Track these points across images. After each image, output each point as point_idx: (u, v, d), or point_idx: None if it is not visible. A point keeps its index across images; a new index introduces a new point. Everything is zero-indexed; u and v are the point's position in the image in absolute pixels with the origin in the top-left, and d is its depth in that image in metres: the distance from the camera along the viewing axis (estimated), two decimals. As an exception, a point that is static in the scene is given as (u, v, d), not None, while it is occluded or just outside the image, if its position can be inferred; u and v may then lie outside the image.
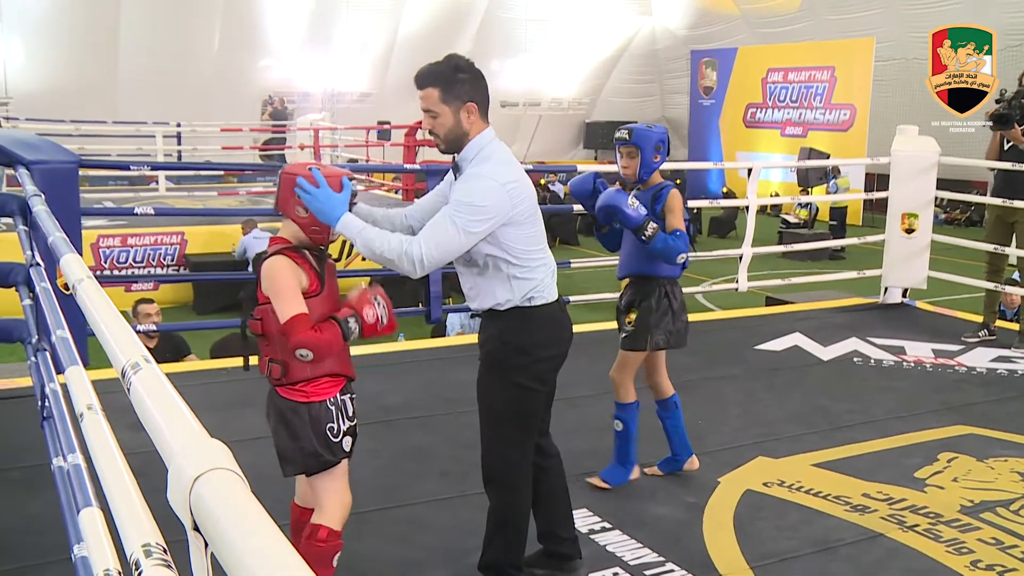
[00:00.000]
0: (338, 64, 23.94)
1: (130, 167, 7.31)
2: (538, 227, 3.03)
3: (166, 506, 1.30)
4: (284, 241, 2.79)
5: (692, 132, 26.68)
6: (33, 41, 20.49)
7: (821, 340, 6.68)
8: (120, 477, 1.35)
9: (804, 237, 16.07)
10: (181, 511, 0.91)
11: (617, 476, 4.10)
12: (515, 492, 3.10)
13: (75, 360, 2.18)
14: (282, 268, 2.70)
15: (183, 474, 0.90)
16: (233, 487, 0.86)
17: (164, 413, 1.08)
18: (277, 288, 2.68)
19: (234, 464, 0.91)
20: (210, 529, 0.84)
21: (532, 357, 3.01)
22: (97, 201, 13.01)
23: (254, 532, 0.78)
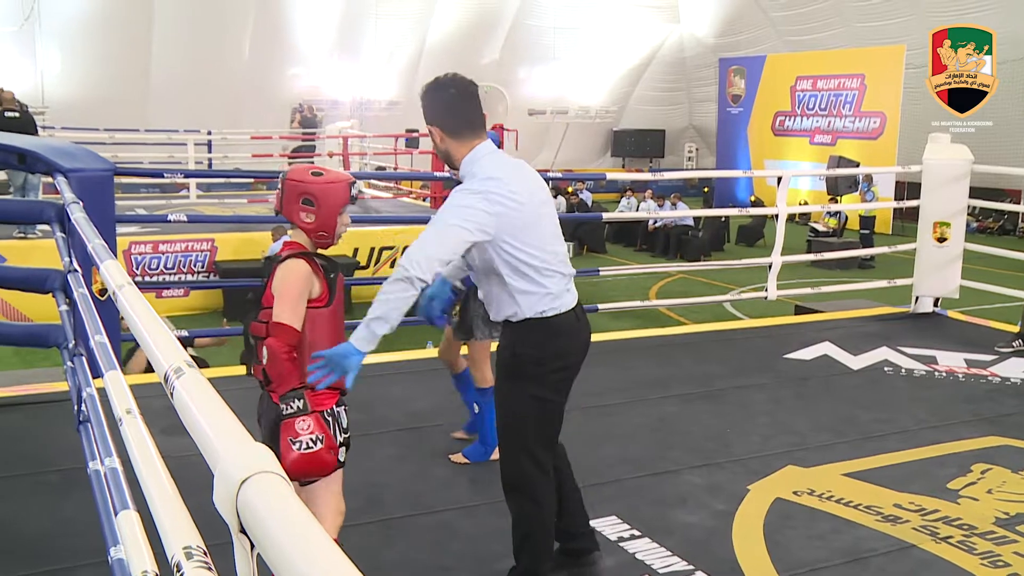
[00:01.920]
0: (367, 72, 24.10)
1: (164, 175, 7.40)
2: (544, 237, 2.98)
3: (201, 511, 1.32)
4: (300, 246, 2.80)
5: (720, 140, 26.57)
6: (69, 53, 20.84)
7: (851, 349, 6.63)
8: (160, 480, 1.37)
9: (833, 246, 15.97)
10: (227, 513, 0.92)
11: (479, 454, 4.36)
12: (534, 502, 3.09)
13: (113, 365, 2.21)
14: (299, 273, 2.72)
15: (230, 477, 0.91)
16: (279, 490, 0.87)
17: (209, 417, 1.09)
18: (285, 290, 2.70)
19: (279, 468, 0.92)
20: (257, 531, 0.85)
21: (546, 368, 3.00)
22: (129, 208, 13.14)
23: (302, 534, 0.79)
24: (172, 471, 1.44)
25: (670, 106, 29.83)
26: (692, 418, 5.17)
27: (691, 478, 4.30)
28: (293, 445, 2.60)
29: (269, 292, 2.74)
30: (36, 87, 20.27)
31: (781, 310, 9.38)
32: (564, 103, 26.67)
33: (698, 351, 6.67)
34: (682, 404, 5.40)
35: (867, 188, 17.23)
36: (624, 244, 18.56)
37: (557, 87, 26.86)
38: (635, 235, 18.47)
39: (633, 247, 18.34)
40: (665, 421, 5.10)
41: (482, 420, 4.32)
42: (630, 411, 5.24)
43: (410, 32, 24.71)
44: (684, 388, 5.68)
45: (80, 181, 4.96)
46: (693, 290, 12.85)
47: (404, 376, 5.80)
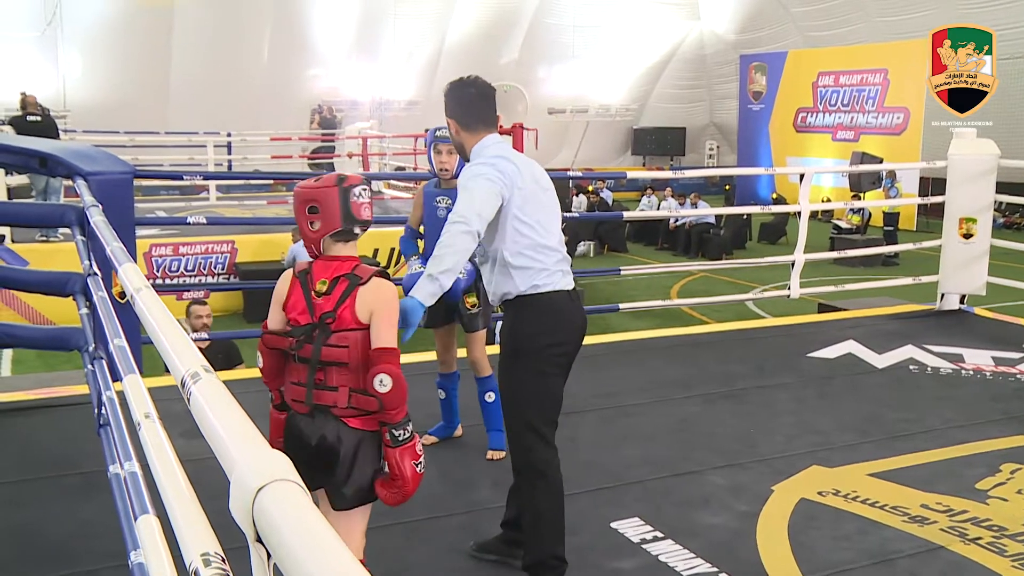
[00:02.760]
0: (385, 72, 24.16)
1: (183, 177, 7.42)
2: (545, 213, 3.24)
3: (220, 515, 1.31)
4: (356, 260, 2.72)
5: (741, 137, 26.43)
6: (90, 57, 21.03)
7: (875, 348, 6.57)
8: (178, 486, 1.36)
9: (857, 243, 15.85)
10: (243, 522, 0.91)
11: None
12: (543, 478, 3.19)
13: (132, 369, 2.21)
14: (395, 293, 2.69)
15: (246, 485, 0.90)
16: (296, 499, 0.86)
17: (225, 423, 1.08)
18: (389, 313, 2.63)
19: (296, 475, 0.91)
20: (273, 540, 0.84)
21: (539, 343, 3.17)
22: (149, 211, 13.25)
23: (319, 544, 0.78)
24: (191, 475, 1.44)
25: (691, 103, 29.73)
26: (715, 418, 5.14)
27: (714, 479, 4.27)
28: (417, 467, 2.63)
29: (348, 314, 2.60)
30: (58, 91, 20.47)
31: (804, 308, 9.32)
32: (584, 102, 26.61)
33: (720, 350, 6.64)
34: (705, 404, 5.38)
35: (891, 184, 17.10)
36: (645, 243, 18.50)
37: (577, 86, 26.83)
38: (656, 234, 18.41)
39: (654, 246, 18.28)
40: (688, 421, 5.08)
41: (450, 404, 4.69)
42: (652, 411, 5.21)
43: (429, 32, 24.74)
44: (707, 388, 5.65)
45: (100, 184, 4.99)
46: (715, 289, 12.79)
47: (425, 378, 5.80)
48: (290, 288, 2.71)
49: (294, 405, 2.69)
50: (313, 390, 2.63)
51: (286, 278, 2.75)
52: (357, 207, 2.66)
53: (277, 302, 2.74)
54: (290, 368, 2.70)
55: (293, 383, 2.68)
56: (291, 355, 2.67)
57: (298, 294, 2.68)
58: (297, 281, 2.70)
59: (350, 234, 2.68)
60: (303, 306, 2.65)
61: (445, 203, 4.30)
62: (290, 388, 2.70)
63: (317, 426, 2.63)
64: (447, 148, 4.27)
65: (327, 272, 2.66)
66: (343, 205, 2.64)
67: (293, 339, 2.64)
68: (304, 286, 2.67)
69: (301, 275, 2.70)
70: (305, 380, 2.64)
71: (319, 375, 2.62)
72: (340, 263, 2.68)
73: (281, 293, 2.73)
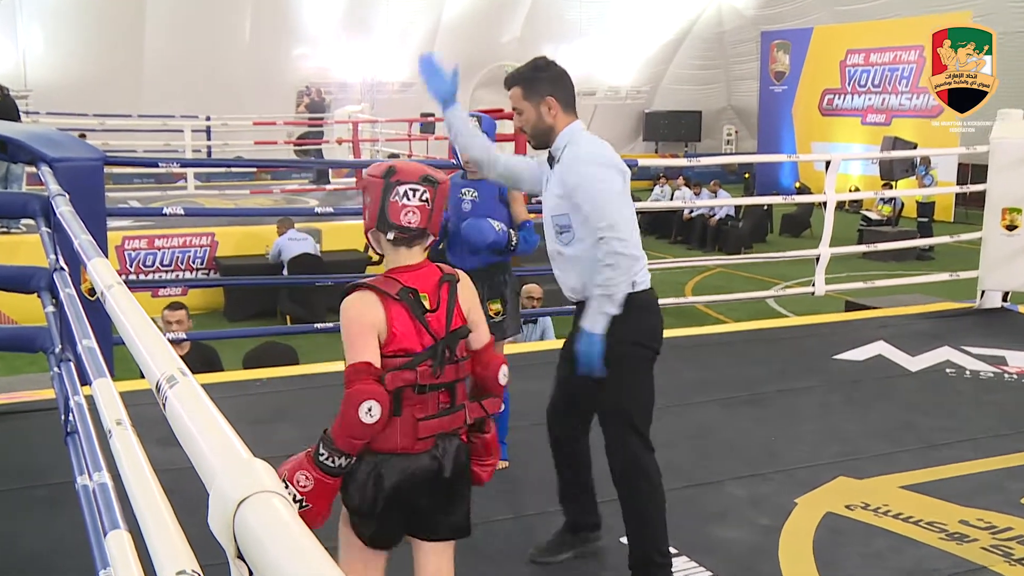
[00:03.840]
0: (378, 52, 24.14)
1: (159, 164, 7.43)
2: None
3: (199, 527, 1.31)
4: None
5: (762, 122, 26.43)
6: (53, 30, 20.92)
7: (908, 349, 6.57)
8: (152, 498, 1.36)
9: (888, 235, 15.84)
10: (223, 537, 0.91)
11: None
12: (648, 480, 3.36)
13: (103, 372, 2.21)
14: None
15: (226, 498, 0.89)
16: (280, 511, 0.86)
17: (203, 431, 1.08)
18: (477, 300, 2.67)
19: (280, 486, 0.91)
20: (256, 557, 0.84)
21: (645, 343, 3.32)
22: (121, 200, 13.26)
23: (305, 561, 0.78)
24: (168, 485, 1.43)
25: (707, 85, 29.71)
26: (734, 425, 5.14)
27: (733, 490, 4.27)
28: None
29: (461, 317, 2.55)
30: (17, 69, 20.38)
31: (830, 306, 9.32)
32: (591, 83, 26.61)
33: (739, 352, 6.64)
34: (723, 410, 5.38)
35: (925, 172, 17.09)
36: (657, 236, 18.50)
37: (584, 66, 26.75)
38: (670, 226, 18.41)
39: (667, 239, 18.28)
40: (704, 428, 5.08)
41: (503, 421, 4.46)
42: (666, 417, 5.17)
43: (424, 8, 24.73)
44: (724, 392, 5.66)
45: (67, 171, 4.98)
46: (733, 285, 12.78)
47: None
48: (388, 312, 2.44)
49: (416, 446, 2.47)
50: (447, 416, 2.51)
51: (372, 302, 2.44)
52: (396, 209, 2.45)
53: (371, 333, 2.42)
54: (408, 404, 2.45)
55: (420, 419, 2.46)
56: (409, 388, 2.44)
57: (402, 317, 2.44)
58: (396, 303, 2.44)
59: (405, 241, 2.50)
60: (415, 328, 2.45)
61: (471, 195, 4.36)
62: (414, 427, 2.46)
63: (447, 454, 2.52)
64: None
65: (425, 284, 2.50)
66: (382, 201, 2.46)
67: (427, 364, 2.44)
68: (412, 306, 2.46)
69: (403, 294, 2.45)
70: (438, 409, 2.49)
71: (444, 398, 2.51)
72: (427, 270, 2.54)
73: (376, 322, 2.43)
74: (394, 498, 2.47)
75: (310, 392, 5.65)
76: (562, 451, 3.61)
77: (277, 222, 11.94)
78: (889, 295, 8.75)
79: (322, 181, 17.83)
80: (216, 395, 1.28)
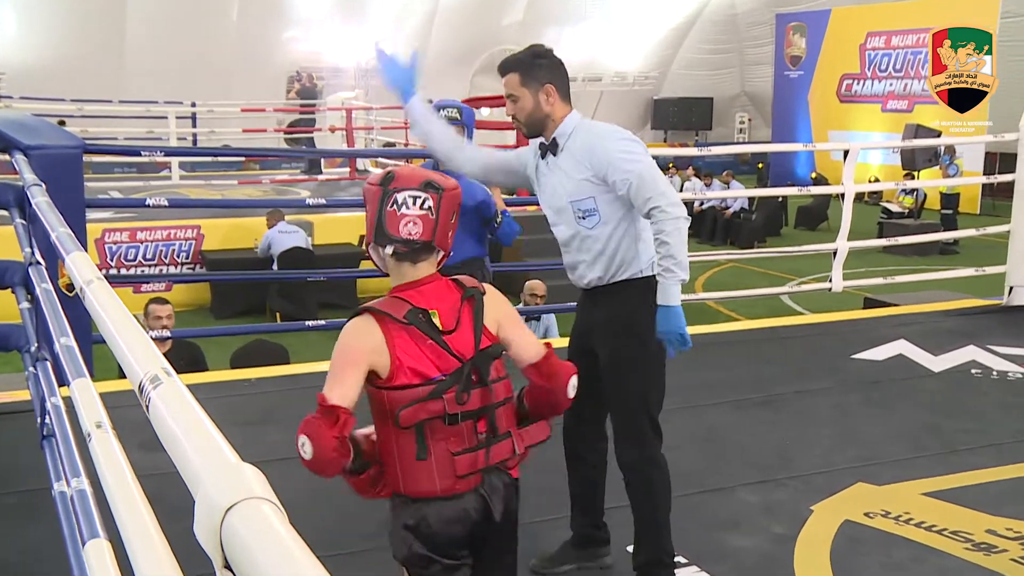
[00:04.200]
0: (373, 35, 24.08)
1: (141, 152, 7.42)
2: None
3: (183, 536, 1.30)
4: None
5: (777, 109, 26.41)
6: (26, 9, 20.83)
7: (931, 348, 6.56)
8: (134, 506, 1.35)
9: (909, 229, 15.84)
10: (210, 546, 0.90)
11: None
12: (659, 469, 3.45)
13: (81, 372, 2.20)
14: None
15: (213, 505, 0.89)
16: (271, 519, 0.85)
17: (189, 434, 1.07)
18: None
19: (271, 493, 0.90)
20: (244, 566, 0.83)
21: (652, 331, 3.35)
22: (102, 191, 13.23)
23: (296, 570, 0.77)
24: (151, 492, 1.43)
25: (719, 71, 29.67)
26: (747, 428, 5.14)
27: (746, 496, 4.27)
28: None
29: (489, 333, 2.44)
30: (-12, 51, 20.35)
31: (848, 304, 9.31)
32: (597, 69, 26.59)
33: (752, 351, 6.64)
34: (735, 412, 5.38)
35: (949, 161, 17.06)
36: (667, 229, 18.49)
37: (589, 51, 26.76)
38: (679, 218, 18.38)
39: (677, 232, 18.25)
40: (716, 431, 5.08)
41: None
42: (675, 419, 5.16)
43: (421, -12, 24.71)
44: (737, 393, 5.66)
45: (43, 160, 4.98)
46: (746, 281, 12.78)
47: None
48: (391, 339, 2.31)
49: (458, 485, 2.34)
50: (490, 448, 2.37)
51: (369, 328, 2.31)
52: (394, 219, 2.33)
53: (364, 364, 2.29)
54: (439, 439, 2.32)
55: (456, 453, 2.33)
56: (438, 421, 2.31)
57: (408, 343, 2.31)
58: (402, 328, 2.31)
59: (408, 256, 2.37)
60: (430, 353, 2.32)
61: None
62: (451, 464, 2.33)
63: (495, 492, 2.41)
64: (455, 131, 4.11)
65: (443, 303, 2.38)
66: (379, 212, 2.35)
67: (453, 391, 2.30)
68: (428, 331, 2.33)
69: (411, 316, 2.32)
70: (476, 441, 2.35)
71: (482, 427, 2.37)
72: (435, 284, 2.42)
73: (372, 350, 2.29)
74: (448, 546, 2.37)
75: (301, 393, 5.63)
76: (578, 462, 3.64)
77: (266, 214, 11.94)
78: (911, 291, 8.74)
79: (314, 171, 17.81)
80: (202, 396, 1.28)
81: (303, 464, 2.26)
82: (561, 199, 3.38)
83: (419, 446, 2.31)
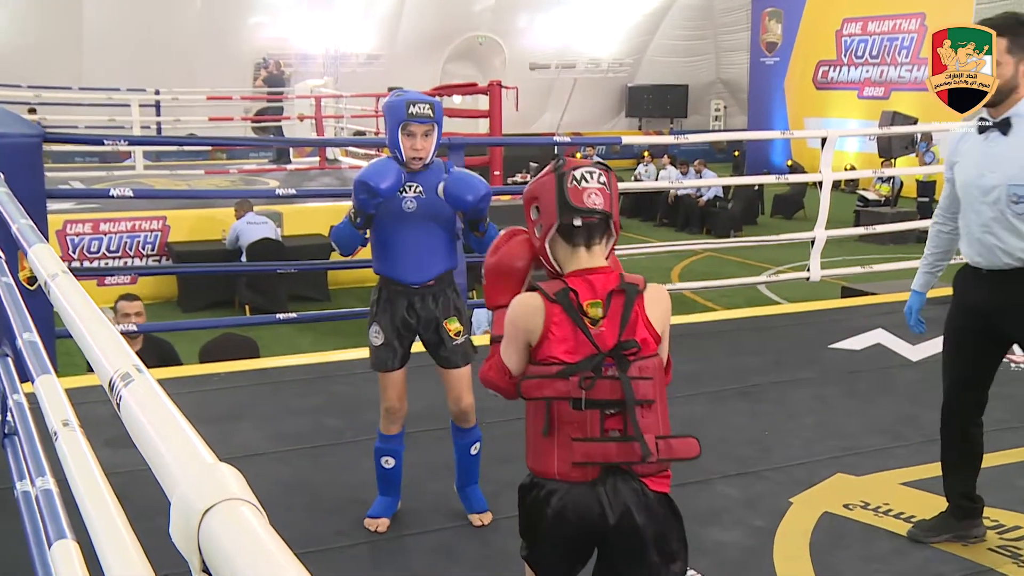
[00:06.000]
0: (342, 21, 23.98)
1: (104, 142, 7.36)
2: None
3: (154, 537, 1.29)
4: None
5: (752, 96, 26.51)
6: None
7: (909, 338, 6.60)
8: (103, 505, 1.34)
9: (886, 217, 15.95)
10: (187, 550, 0.89)
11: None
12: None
13: (46, 368, 2.18)
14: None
15: (190, 507, 0.88)
16: (250, 521, 0.84)
17: (163, 434, 1.06)
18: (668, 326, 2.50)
19: (249, 493, 0.89)
20: (223, 571, 0.82)
21: None
22: (62, 181, 13.10)
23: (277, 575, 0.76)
24: (119, 490, 1.41)
25: (694, 57, 29.74)
26: (725, 419, 5.16)
27: (725, 489, 4.29)
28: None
29: (651, 335, 2.41)
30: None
31: (826, 293, 9.36)
32: (571, 55, 26.58)
33: (730, 342, 6.66)
34: (713, 403, 5.39)
35: (926, 148, 17.17)
36: (642, 218, 18.55)
37: (562, 37, 26.78)
38: (655, 207, 18.45)
39: (652, 221, 18.33)
40: (693, 423, 5.07)
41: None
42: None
43: (391, -27, 24.61)
44: (715, 384, 5.67)
45: (1, 149, 4.92)
46: (723, 270, 12.82)
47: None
48: (547, 318, 2.38)
49: (573, 473, 2.36)
50: (612, 444, 2.35)
51: (534, 306, 2.40)
52: (577, 192, 2.38)
53: (524, 340, 2.41)
54: (564, 422, 2.36)
55: (576, 439, 2.35)
56: (565, 403, 2.35)
57: (561, 323, 2.36)
58: (556, 308, 2.37)
59: (587, 234, 2.42)
60: (575, 338, 2.35)
61: (415, 191, 3.77)
62: (567, 448, 2.37)
63: (611, 496, 2.37)
64: (423, 130, 3.73)
65: (593, 291, 2.39)
66: (559, 191, 2.39)
67: (577, 377, 2.33)
68: (571, 311, 2.37)
69: (561, 296, 2.37)
70: (601, 434, 2.35)
71: (612, 423, 2.35)
72: (603, 275, 2.42)
73: (532, 328, 2.39)
74: (555, 531, 2.39)
75: (271, 387, 5.62)
76: (961, 437, 3.85)
77: (234, 205, 11.87)
78: (888, 280, 8.78)
79: (283, 160, 17.72)
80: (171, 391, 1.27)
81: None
82: (996, 178, 3.41)
83: (546, 422, 2.37)
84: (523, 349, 2.41)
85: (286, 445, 4.78)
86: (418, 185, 3.75)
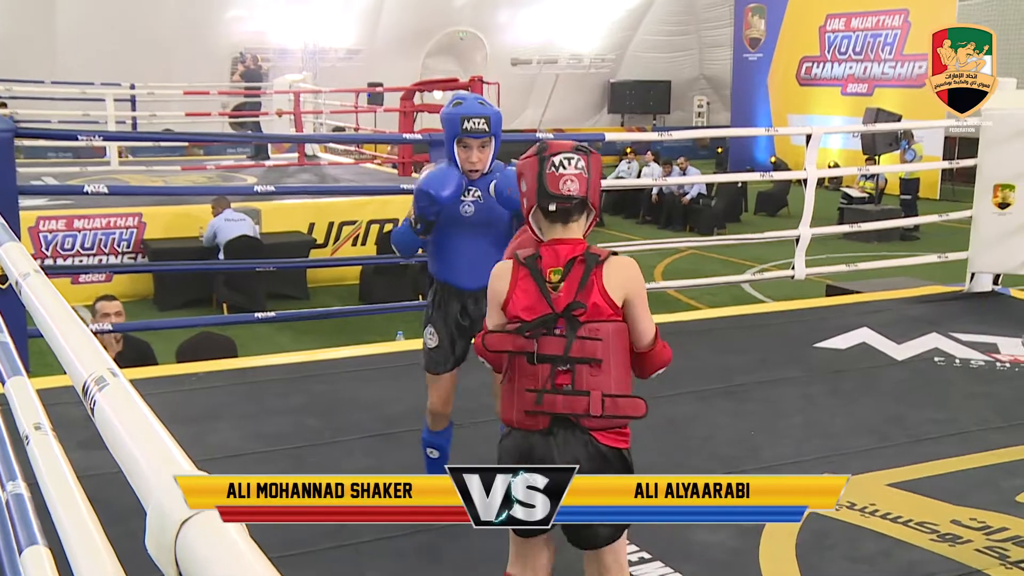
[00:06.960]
0: (321, 16, 23.89)
1: (78, 137, 7.30)
2: None
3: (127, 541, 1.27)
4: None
5: (736, 92, 26.55)
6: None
7: (894, 336, 6.63)
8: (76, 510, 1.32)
9: (870, 214, 15.99)
10: (163, 560, 0.87)
11: None
12: None
13: (17, 370, 2.15)
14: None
15: (166, 518, 0.86)
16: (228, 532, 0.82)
17: (139, 441, 1.04)
18: (644, 292, 2.72)
19: (227, 503, 0.87)
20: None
21: None
22: (35, 176, 13.01)
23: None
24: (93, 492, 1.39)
25: (677, 53, 29.75)
26: (710, 419, 5.17)
27: (711, 491, 4.28)
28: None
29: (602, 300, 2.63)
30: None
31: (810, 291, 9.38)
32: (553, 51, 26.56)
33: (714, 340, 6.67)
34: (698, 403, 5.39)
35: (908, 146, 17.25)
36: (624, 215, 18.55)
37: (544, 33, 26.74)
38: (637, 205, 18.45)
39: (635, 219, 18.32)
40: (678, 423, 5.09)
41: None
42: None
43: (371, -33, 24.52)
44: (699, 384, 5.67)
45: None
46: (706, 268, 12.84)
47: (375, 374, 5.75)
48: (512, 281, 2.68)
49: (526, 421, 2.63)
50: (559, 396, 2.60)
51: (504, 271, 2.72)
52: (554, 179, 2.65)
53: (496, 301, 2.72)
54: (520, 374, 2.64)
55: (528, 390, 2.62)
56: (522, 357, 2.63)
57: (526, 286, 2.66)
58: (522, 271, 2.67)
59: (563, 214, 2.69)
60: (534, 299, 2.64)
61: (473, 195, 3.85)
62: (521, 398, 2.64)
63: (562, 445, 2.61)
64: (479, 143, 3.80)
65: (557, 259, 2.67)
66: (539, 176, 2.67)
67: (527, 333, 2.61)
68: (535, 275, 2.66)
69: (529, 261, 2.67)
70: (544, 385, 2.61)
71: (563, 378, 2.60)
72: (570, 246, 2.69)
73: (500, 290, 2.70)
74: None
75: (250, 387, 5.59)
76: None
77: (212, 201, 11.79)
78: (873, 278, 8.83)
79: (261, 157, 17.62)
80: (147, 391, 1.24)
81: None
82: None
83: (507, 374, 2.67)
84: (498, 309, 2.70)
85: (266, 446, 4.74)
86: (477, 190, 3.87)
